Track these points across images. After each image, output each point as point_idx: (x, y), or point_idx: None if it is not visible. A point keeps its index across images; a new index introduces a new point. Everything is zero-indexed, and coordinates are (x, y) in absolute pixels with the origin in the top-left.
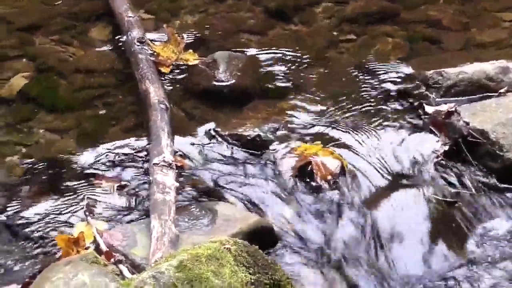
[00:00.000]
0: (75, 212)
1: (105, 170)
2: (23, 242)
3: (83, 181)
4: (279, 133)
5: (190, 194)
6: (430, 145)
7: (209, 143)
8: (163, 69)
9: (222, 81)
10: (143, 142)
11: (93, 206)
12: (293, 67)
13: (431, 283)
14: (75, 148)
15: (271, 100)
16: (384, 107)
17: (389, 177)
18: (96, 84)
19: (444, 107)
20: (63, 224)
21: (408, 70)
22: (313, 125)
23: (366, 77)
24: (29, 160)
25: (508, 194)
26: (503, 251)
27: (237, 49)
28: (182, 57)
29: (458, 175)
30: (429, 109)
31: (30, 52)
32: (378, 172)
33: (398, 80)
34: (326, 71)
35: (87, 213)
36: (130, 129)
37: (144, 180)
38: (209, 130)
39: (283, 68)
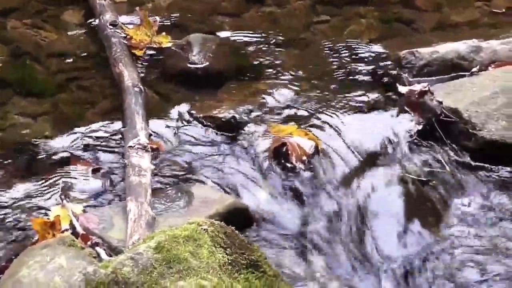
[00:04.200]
0: (51, 195)
1: (80, 154)
2: None
3: (58, 164)
4: (254, 114)
5: (166, 176)
6: (404, 124)
7: (184, 126)
8: (137, 52)
9: (196, 64)
10: (118, 125)
11: (68, 190)
12: (268, 48)
13: (407, 261)
14: (51, 132)
15: (246, 82)
16: (358, 87)
17: (364, 157)
18: (71, 68)
19: (417, 87)
20: (39, 208)
21: (382, 50)
22: (288, 106)
23: (340, 58)
24: (4, 144)
25: (481, 172)
26: (477, 229)
27: (211, 32)
28: (156, 40)
29: (432, 154)
30: (403, 89)
31: (3, 36)
32: (353, 152)
33: (372, 60)
34: (300, 52)
35: (62, 197)
36: (105, 112)
37: (120, 163)
38: (184, 112)
39: (257, 50)
